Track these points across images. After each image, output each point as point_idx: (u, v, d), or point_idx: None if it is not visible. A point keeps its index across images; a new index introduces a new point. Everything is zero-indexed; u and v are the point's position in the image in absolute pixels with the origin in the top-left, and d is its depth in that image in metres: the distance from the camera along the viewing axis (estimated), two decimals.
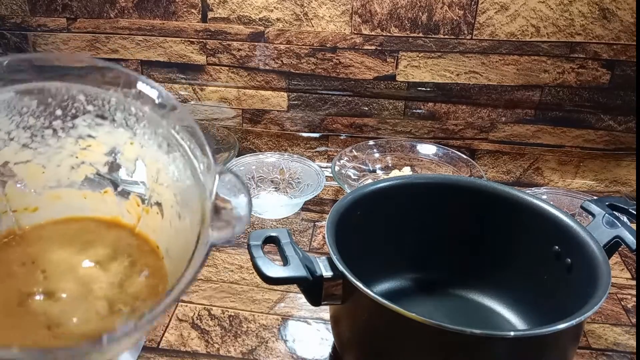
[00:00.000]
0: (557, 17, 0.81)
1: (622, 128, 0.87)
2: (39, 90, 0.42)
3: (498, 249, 0.59)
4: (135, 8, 0.89)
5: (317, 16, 0.85)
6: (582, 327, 0.50)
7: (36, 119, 0.44)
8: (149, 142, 0.45)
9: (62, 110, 0.45)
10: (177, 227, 0.45)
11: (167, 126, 0.42)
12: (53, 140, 0.46)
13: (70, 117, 0.45)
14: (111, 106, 0.44)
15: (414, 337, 0.44)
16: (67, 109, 0.44)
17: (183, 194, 0.43)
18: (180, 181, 0.43)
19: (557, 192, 0.81)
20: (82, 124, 0.46)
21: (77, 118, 0.45)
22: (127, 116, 0.44)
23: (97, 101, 0.44)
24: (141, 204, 0.48)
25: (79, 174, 0.49)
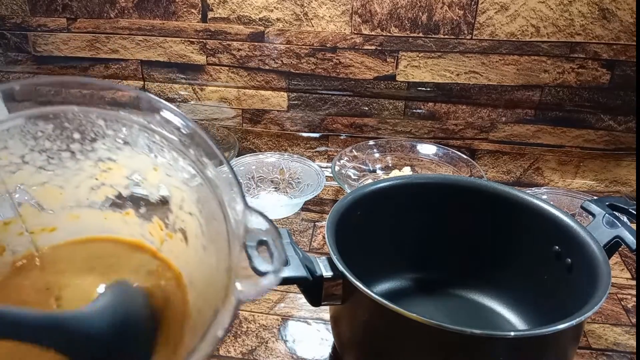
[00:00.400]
0: (557, 17, 0.81)
1: (622, 128, 0.87)
2: (54, 114, 0.41)
3: (498, 249, 0.59)
4: (135, 8, 0.89)
5: (317, 16, 0.85)
6: (582, 327, 0.50)
7: (52, 142, 0.42)
8: (174, 171, 0.43)
9: (80, 134, 0.43)
10: (202, 258, 0.43)
11: (193, 157, 0.40)
12: (71, 163, 0.44)
13: (90, 140, 0.43)
14: (133, 132, 0.42)
15: (414, 338, 0.44)
16: (86, 132, 0.43)
17: (209, 227, 0.41)
18: (206, 214, 0.41)
19: (557, 192, 0.81)
20: (102, 147, 0.44)
21: (97, 142, 0.43)
22: (151, 143, 0.42)
23: (118, 126, 0.42)
24: (164, 228, 0.46)
25: (99, 195, 0.47)
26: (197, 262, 0.44)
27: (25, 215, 0.45)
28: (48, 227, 0.47)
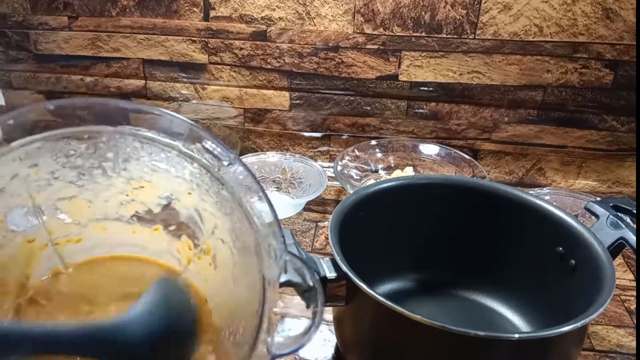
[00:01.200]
0: (560, 17, 0.80)
1: (624, 129, 0.87)
2: (89, 135, 0.40)
3: (501, 250, 0.58)
4: (137, 7, 0.89)
5: (320, 15, 0.85)
6: (586, 329, 0.50)
7: (85, 160, 0.42)
8: (209, 198, 0.42)
9: (113, 154, 0.42)
10: (231, 288, 0.42)
11: (232, 189, 0.39)
12: (102, 179, 0.43)
13: (123, 160, 0.42)
14: (170, 158, 0.42)
15: (417, 339, 0.44)
16: (120, 153, 0.42)
17: (242, 260, 0.40)
18: (239, 246, 0.41)
19: (560, 192, 0.81)
20: (136, 167, 0.43)
21: (130, 162, 0.42)
22: (191, 169, 0.41)
23: (154, 150, 0.41)
24: (193, 248, 0.45)
25: (128, 209, 0.46)
26: (225, 291, 0.42)
27: (50, 228, 0.44)
28: (74, 238, 0.46)
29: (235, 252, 0.42)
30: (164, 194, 0.45)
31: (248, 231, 0.39)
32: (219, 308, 0.43)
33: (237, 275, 0.42)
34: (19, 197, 0.41)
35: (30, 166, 0.41)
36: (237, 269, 0.42)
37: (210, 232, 0.44)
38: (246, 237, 0.39)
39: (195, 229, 0.45)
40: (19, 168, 0.40)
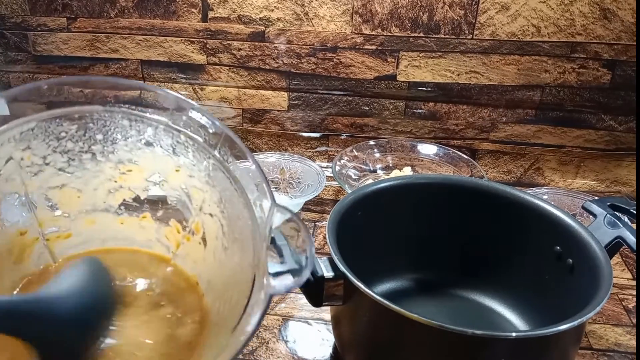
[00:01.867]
0: (557, 17, 0.81)
1: (622, 128, 0.87)
2: (80, 115, 0.41)
3: (499, 249, 0.58)
4: (136, 8, 0.89)
5: (318, 16, 0.85)
6: (583, 328, 0.50)
7: (75, 143, 0.42)
8: (197, 172, 0.43)
9: (103, 135, 0.42)
10: (222, 259, 0.42)
11: (219, 156, 0.40)
12: (91, 165, 0.44)
13: (111, 142, 0.43)
14: (158, 133, 0.42)
15: (415, 338, 0.44)
16: (109, 133, 0.42)
17: (232, 227, 0.41)
18: (229, 214, 0.41)
19: (558, 192, 0.81)
20: (124, 148, 0.43)
21: (118, 143, 0.43)
22: (176, 144, 0.42)
23: (143, 127, 0.42)
24: (182, 231, 0.46)
25: (116, 198, 0.47)
26: (217, 264, 0.43)
27: (41, 220, 0.45)
28: (64, 234, 0.47)
29: (225, 222, 0.42)
30: (152, 175, 0.45)
31: (236, 196, 0.39)
32: (211, 286, 0.44)
33: (228, 247, 0.42)
34: (12, 182, 0.42)
35: (24, 149, 0.41)
36: (227, 239, 0.42)
37: (199, 209, 0.44)
38: (235, 203, 0.40)
39: (183, 210, 0.45)
40: (13, 151, 0.41)
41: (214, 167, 0.41)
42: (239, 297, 0.36)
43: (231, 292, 0.38)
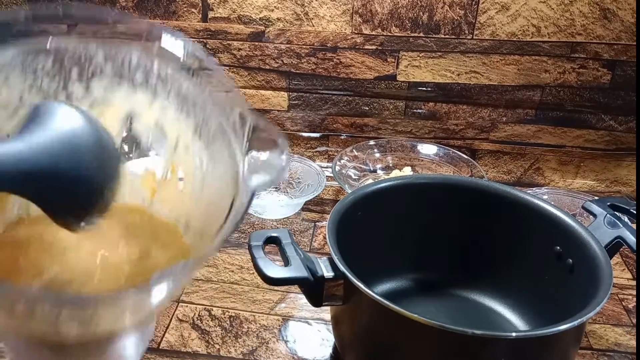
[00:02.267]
0: (557, 17, 0.81)
1: (622, 128, 0.87)
2: (55, 48, 0.39)
3: (499, 249, 0.59)
4: (136, 7, 0.89)
5: (318, 16, 0.85)
6: (583, 328, 0.50)
7: (51, 80, 0.40)
8: (170, 104, 0.41)
9: (78, 69, 0.40)
10: (200, 196, 0.42)
11: (193, 83, 0.39)
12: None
13: (86, 78, 0.40)
14: (131, 65, 0.40)
15: (415, 338, 0.44)
16: (84, 68, 0.40)
17: (209, 154, 0.40)
18: (205, 141, 0.41)
19: (558, 192, 0.81)
20: (98, 86, 0.41)
21: (94, 79, 0.41)
22: (148, 75, 0.40)
23: (117, 59, 0.40)
24: (157, 175, 0.44)
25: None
26: (194, 204, 0.42)
27: None
28: None
29: (202, 151, 0.41)
30: (125, 114, 0.43)
31: (212, 117, 0.39)
32: (191, 222, 0.43)
33: (206, 176, 0.41)
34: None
35: (3, 80, 0.39)
36: (205, 168, 0.41)
37: (174, 146, 0.43)
38: (211, 125, 0.39)
39: (158, 150, 0.44)
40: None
41: (188, 94, 0.40)
42: (219, 225, 0.35)
43: (211, 226, 0.38)
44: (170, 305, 0.63)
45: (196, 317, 0.62)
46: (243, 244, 0.74)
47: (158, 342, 0.58)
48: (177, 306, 0.63)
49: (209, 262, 0.70)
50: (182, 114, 0.42)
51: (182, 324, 0.60)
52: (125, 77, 0.41)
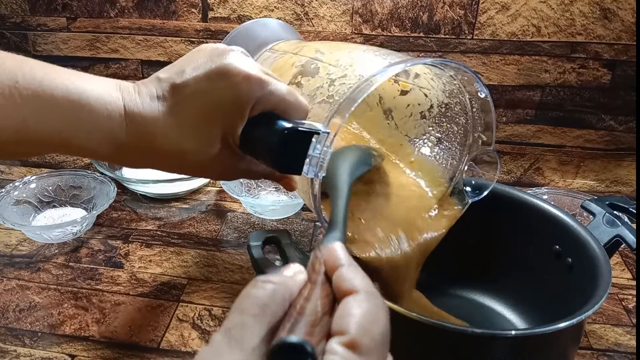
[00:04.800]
0: (558, 17, 0.81)
1: (622, 128, 0.87)
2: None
3: (499, 248, 0.59)
4: (136, 7, 0.89)
5: (318, 16, 0.85)
6: (582, 327, 0.50)
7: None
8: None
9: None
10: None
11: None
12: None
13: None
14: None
15: (415, 337, 0.44)
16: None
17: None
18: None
19: (558, 192, 0.81)
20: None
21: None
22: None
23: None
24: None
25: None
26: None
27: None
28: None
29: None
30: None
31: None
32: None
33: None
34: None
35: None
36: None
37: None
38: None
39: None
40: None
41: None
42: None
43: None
44: (170, 305, 0.63)
45: (196, 317, 0.62)
46: (243, 244, 0.74)
47: (158, 342, 0.58)
48: (177, 306, 0.63)
49: (209, 262, 0.70)
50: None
51: (182, 324, 0.60)
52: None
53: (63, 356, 0.56)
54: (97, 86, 0.38)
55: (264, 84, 0.39)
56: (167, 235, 0.76)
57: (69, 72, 0.38)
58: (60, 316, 0.61)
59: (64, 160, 0.94)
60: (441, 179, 0.57)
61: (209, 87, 0.39)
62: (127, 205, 0.83)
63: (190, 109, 0.39)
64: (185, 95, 0.39)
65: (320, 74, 0.49)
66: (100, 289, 0.66)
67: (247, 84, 0.39)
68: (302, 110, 0.42)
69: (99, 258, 0.71)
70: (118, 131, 0.39)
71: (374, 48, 0.53)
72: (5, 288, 0.65)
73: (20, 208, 0.76)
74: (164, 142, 0.40)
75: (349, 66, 0.48)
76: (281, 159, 0.39)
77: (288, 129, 0.39)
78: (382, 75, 0.43)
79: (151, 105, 0.39)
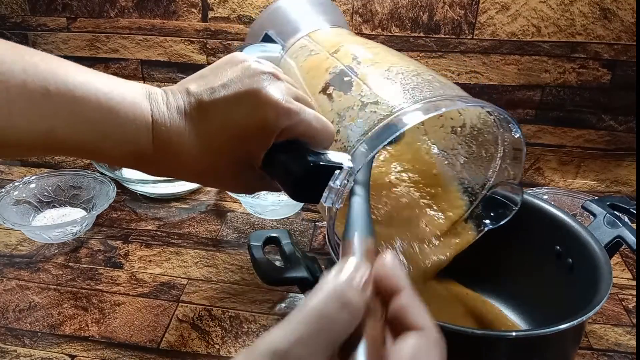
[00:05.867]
0: (558, 17, 0.81)
1: (622, 128, 0.87)
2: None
3: (499, 249, 0.58)
4: (136, 7, 0.89)
5: None
6: (583, 328, 0.50)
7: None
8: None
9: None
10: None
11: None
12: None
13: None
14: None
15: None
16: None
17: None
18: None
19: (558, 192, 0.81)
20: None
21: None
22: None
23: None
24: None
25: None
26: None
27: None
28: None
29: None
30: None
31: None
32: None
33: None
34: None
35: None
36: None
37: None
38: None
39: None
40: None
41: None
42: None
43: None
44: (170, 305, 0.63)
45: (196, 317, 0.61)
46: (243, 244, 0.74)
47: (158, 342, 0.58)
48: (177, 306, 0.63)
49: (209, 262, 0.70)
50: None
51: (182, 324, 0.60)
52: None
53: (63, 356, 0.56)
54: (128, 94, 0.38)
55: (292, 114, 0.39)
56: (167, 236, 0.76)
57: (101, 79, 0.37)
58: (60, 316, 0.61)
59: (64, 160, 0.94)
60: (460, 200, 0.56)
61: (237, 111, 0.39)
62: (127, 206, 0.83)
63: (216, 131, 0.39)
64: (212, 116, 0.39)
65: (353, 92, 0.47)
66: (100, 289, 0.65)
67: (275, 113, 0.38)
68: (328, 139, 0.41)
69: (98, 258, 0.71)
70: (144, 144, 0.39)
71: (415, 66, 0.50)
72: (5, 288, 0.65)
73: (20, 208, 0.76)
74: (188, 160, 0.40)
75: (382, 91, 0.46)
76: (300, 191, 0.39)
77: (312, 163, 0.38)
78: (413, 119, 0.42)
79: (178, 122, 0.39)
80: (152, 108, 0.39)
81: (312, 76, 0.52)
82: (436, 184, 0.56)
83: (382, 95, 0.45)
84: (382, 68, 0.49)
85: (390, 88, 0.46)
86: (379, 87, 0.46)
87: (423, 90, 0.45)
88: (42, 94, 0.34)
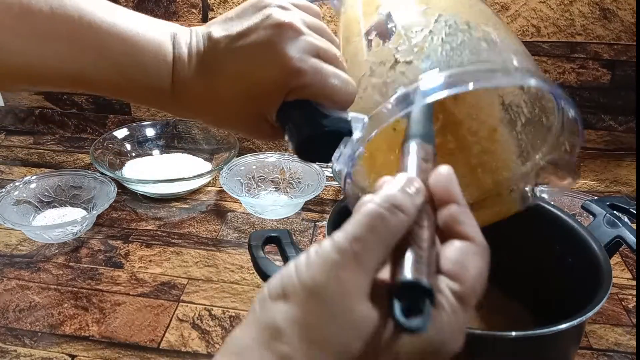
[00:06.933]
0: (557, 17, 0.81)
1: (622, 128, 0.87)
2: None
3: (498, 248, 0.58)
4: (136, 8, 0.89)
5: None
6: (583, 328, 0.50)
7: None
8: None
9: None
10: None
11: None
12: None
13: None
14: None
15: None
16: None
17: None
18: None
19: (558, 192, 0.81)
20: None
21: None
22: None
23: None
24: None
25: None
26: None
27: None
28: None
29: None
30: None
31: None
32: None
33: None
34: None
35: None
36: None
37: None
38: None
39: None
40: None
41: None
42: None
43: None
44: (170, 305, 0.63)
45: (196, 317, 0.62)
46: (243, 244, 0.74)
47: (158, 342, 0.58)
48: (177, 306, 0.63)
49: (209, 262, 0.70)
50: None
51: (182, 324, 0.60)
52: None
53: (63, 356, 0.56)
54: (153, 39, 0.39)
55: (301, 74, 0.37)
56: (167, 235, 0.76)
57: (127, 20, 0.38)
58: (60, 316, 0.61)
59: (64, 161, 0.94)
60: (513, 162, 0.51)
61: (249, 64, 0.38)
62: (127, 205, 0.83)
63: (228, 83, 0.39)
64: (225, 67, 0.39)
65: (390, 45, 0.41)
66: (100, 289, 0.66)
67: (283, 72, 0.37)
68: (346, 101, 0.39)
69: (99, 258, 0.71)
70: (165, 84, 0.39)
71: (470, 16, 0.43)
72: (5, 288, 0.65)
73: (20, 208, 0.76)
74: (203, 104, 0.41)
75: (418, 48, 0.40)
76: (306, 152, 0.39)
77: (319, 126, 0.38)
78: (438, 94, 0.37)
79: (195, 67, 0.40)
80: (174, 50, 0.39)
81: (365, 12, 0.46)
82: (493, 139, 0.52)
83: (416, 54, 0.40)
84: (431, 16, 0.42)
85: (428, 46, 0.40)
86: (417, 43, 0.41)
87: (463, 53, 0.40)
88: (68, 35, 0.35)
